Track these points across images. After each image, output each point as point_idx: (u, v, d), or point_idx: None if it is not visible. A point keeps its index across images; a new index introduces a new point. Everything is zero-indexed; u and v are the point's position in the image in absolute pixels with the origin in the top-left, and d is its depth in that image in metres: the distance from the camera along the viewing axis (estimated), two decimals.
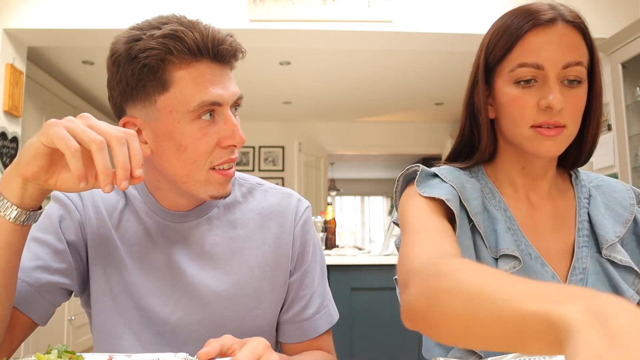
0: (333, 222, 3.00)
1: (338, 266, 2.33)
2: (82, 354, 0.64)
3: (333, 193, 9.05)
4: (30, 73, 3.38)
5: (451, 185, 0.77)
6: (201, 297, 0.81)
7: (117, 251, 0.81)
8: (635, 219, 0.80)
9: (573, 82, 0.72)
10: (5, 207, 0.63)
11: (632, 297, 0.73)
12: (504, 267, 0.73)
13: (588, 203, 0.81)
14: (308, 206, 0.92)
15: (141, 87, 0.72)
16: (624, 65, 2.71)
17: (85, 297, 0.85)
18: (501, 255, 0.74)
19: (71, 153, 0.58)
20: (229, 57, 0.75)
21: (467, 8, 2.87)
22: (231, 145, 0.75)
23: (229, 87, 0.75)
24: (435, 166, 0.84)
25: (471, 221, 0.76)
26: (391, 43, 3.04)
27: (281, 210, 0.88)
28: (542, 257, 0.76)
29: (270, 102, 5.30)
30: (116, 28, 1.71)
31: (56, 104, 4.01)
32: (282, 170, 5.94)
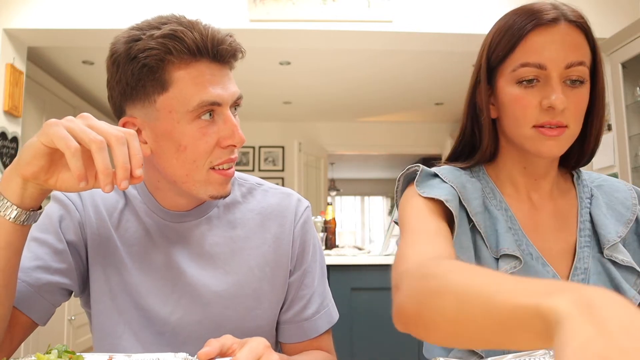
0: (333, 222, 3.00)
1: (338, 266, 2.33)
2: (82, 354, 0.64)
3: (333, 193, 9.05)
4: (30, 73, 3.38)
5: (451, 185, 0.76)
6: (201, 297, 0.81)
7: (117, 251, 0.81)
8: (637, 219, 0.80)
9: (575, 82, 0.72)
10: (5, 207, 0.63)
11: (634, 298, 0.73)
12: (505, 267, 0.73)
13: (590, 203, 0.81)
14: (308, 206, 0.92)
15: (141, 87, 0.72)
16: (624, 65, 2.71)
17: (85, 297, 0.85)
18: (502, 255, 0.74)
19: (71, 153, 0.58)
20: (229, 57, 0.75)
21: (467, 8, 2.87)
22: (231, 145, 0.75)
23: (229, 87, 0.75)
24: (436, 166, 0.84)
25: (471, 221, 0.76)
26: (391, 43, 3.04)
27: (281, 210, 0.88)
28: (543, 257, 0.76)
29: (270, 102, 5.30)
30: (116, 28, 1.71)
31: (56, 104, 4.01)
32: (282, 170, 5.94)
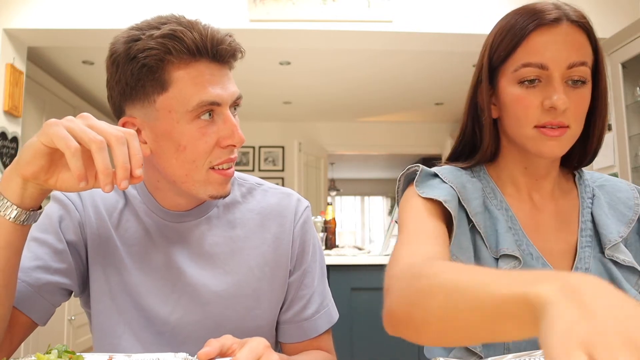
0: (333, 222, 3.00)
1: (338, 266, 2.33)
2: (82, 354, 0.64)
3: (333, 193, 9.05)
4: (30, 73, 3.38)
5: (450, 185, 0.76)
6: (200, 297, 0.81)
7: (117, 251, 0.81)
8: (639, 219, 0.80)
9: (577, 83, 0.72)
10: (5, 207, 0.63)
11: (635, 298, 0.73)
12: (504, 267, 0.73)
13: (591, 203, 0.81)
14: (307, 206, 0.92)
15: (140, 87, 0.72)
16: (624, 65, 2.71)
17: (85, 297, 0.85)
18: (501, 255, 0.74)
19: (71, 153, 0.58)
20: (228, 57, 0.75)
21: (467, 8, 2.87)
22: (230, 145, 0.75)
23: (228, 87, 0.75)
24: (437, 166, 0.84)
25: (471, 222, 0.76)
26: (391, 43, 3.04)
27: (281, 210, 0.88)
28: (544, 257, 0.76)
29: (270, 102, 5.30)
30: (116, 28, 1.71)
31: (56, 104, 4.01)
32: (282, 170, 5.94)
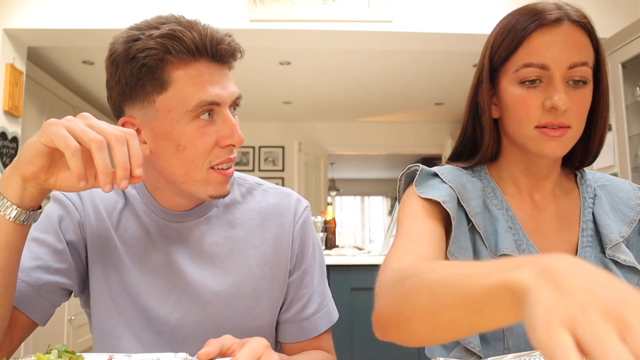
0: (333, 222, 3.00)
1: (338, 266, 2.33)
2: (82, 354, 0.64)
3: (333, 193, 9.06)
4: (30, 73, 3.38)
5: (450, 185, 0.76)
6: (200, 297, 0.81)
7: (117, 251, 0.81)
8: None
9: (578, 83, 0.72)
10: (5, 207, 0.63)
11: None
12: None
13: (593, 203, 0.80)
14: (307, 206, 0.92)
15: (140, 87, 0.72)
16: (624, 65, 2.71)
17: (84, 297, 0.85)
18: (500, 255, 0.74)
19: (71, 152, 0.58)
20: (228, 57, 0.75)
21: (467, 8, 2.87)
22: (230, 144, 0.75)
23: (228, 87, 0.75)
24: (438, 166, 0.84)
25: (470, 222, 0.76)
26: (391, 43, 3.04)
27: (280, 210, 0.88)
28: None
29: (270, 102, 5.30)
30: (116, 28, 1.71)
31: (56, 104, 4.01)
32: (282, 170, 5.94)
